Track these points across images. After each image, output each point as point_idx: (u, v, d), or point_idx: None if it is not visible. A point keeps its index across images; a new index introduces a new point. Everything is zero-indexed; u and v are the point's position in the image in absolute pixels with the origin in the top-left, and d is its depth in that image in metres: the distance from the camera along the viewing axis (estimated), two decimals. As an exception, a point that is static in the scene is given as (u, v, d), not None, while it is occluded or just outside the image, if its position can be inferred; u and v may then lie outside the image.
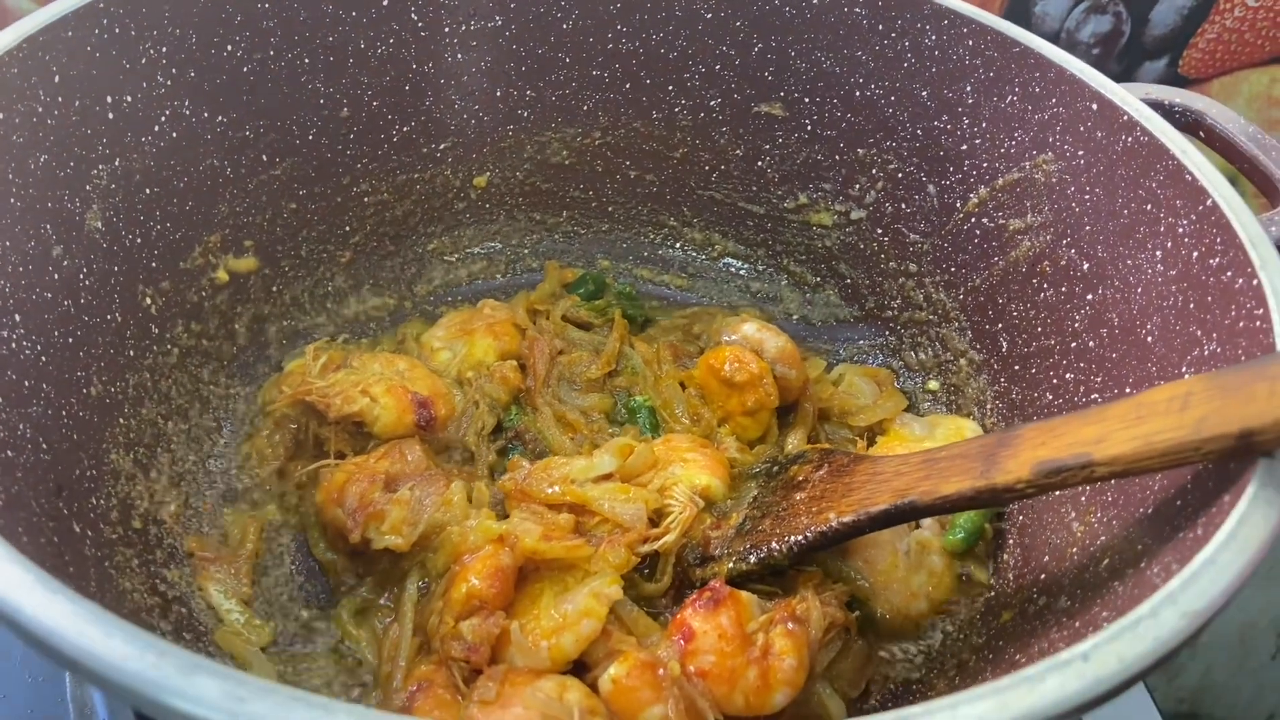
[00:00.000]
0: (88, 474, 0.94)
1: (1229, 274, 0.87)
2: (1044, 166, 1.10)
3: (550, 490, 1.02)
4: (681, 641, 0.88)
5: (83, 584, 0.81)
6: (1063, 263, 1.09)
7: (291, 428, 1.13)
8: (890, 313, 1.33)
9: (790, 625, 0.90)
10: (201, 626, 0.96)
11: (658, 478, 1.07)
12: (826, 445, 1.15)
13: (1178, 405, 0.75)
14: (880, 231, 1.31)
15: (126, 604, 0.89)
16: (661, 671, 0.86)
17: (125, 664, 0.49)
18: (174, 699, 0.49)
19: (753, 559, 0.99)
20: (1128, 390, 0.97)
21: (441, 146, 1.32)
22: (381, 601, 1.00)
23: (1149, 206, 0.99)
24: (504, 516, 1.02)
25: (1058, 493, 0.97)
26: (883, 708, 0.96)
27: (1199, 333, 0.89)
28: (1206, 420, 0.71)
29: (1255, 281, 0.83)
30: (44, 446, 0.87)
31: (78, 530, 0.87)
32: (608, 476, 1.06)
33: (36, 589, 0.52)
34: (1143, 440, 0.74)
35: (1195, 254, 0.92)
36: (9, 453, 0.80)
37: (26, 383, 0.87)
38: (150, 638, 0.50)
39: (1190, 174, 0.94)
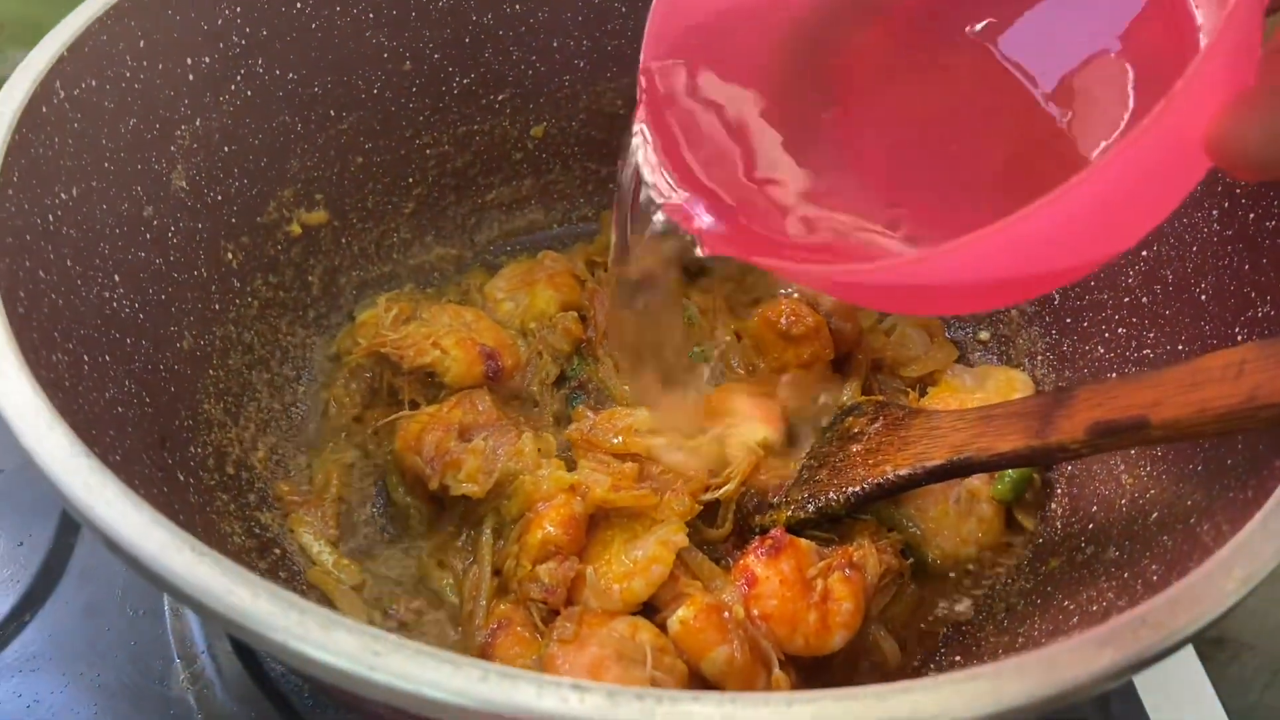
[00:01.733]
0: (185, 424, 1.00)
1: (1285, 237, 0.88)
2: (1102, 122, 1.11)
3: (615, 440, 1.08)
4: (745, 586, 0.93)
5: (193, 530, 0.87)
6: (1118, 218, 1.10)
7: (366, 376, 1.19)
8: (942, 263, 1.35)
9: (848, 571, 0.95)
10: (295, 566, 1.03)
11: (717, 427, 1.11)
12: (880, 398, 1.18)
13: (1233, 373, 0.77)
14: (934, 182, 1.32)
15: (228, 547, 0.95)
16: (726, 614, 0.91)
17: (271, 619, 0.55)
18: (316, 651, 0.54)
19: (811, 508, 1.03)
20: (1180, 348, 0.99)
21: (500, 97, 1.34)
22: (459, 544, 1.06)
23: (1208, 165, 1.00)
24: (571, 465, 1.08)
25: (1107, 449, 1.00)
26: (935, 650, 1.01)
27: (1253, 294, 0.91)
28: (1260, 389, 0.73)
29: (1312, 247, 0.85)
30: (148, 400, 0.92)
31: (181, 479, 0.93)
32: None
33: (185, 550, 0.58)
34: (1198, 406, 0.77)
35: (1252, 215, 0.94)
36: (120, 409, 0.86)
37: (129, 340, 0.93)
38: (292, 596, 0.55)
39: (1251, 134, 0.95)
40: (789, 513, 1.04)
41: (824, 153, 0.82)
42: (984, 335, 1.30)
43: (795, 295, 1.21)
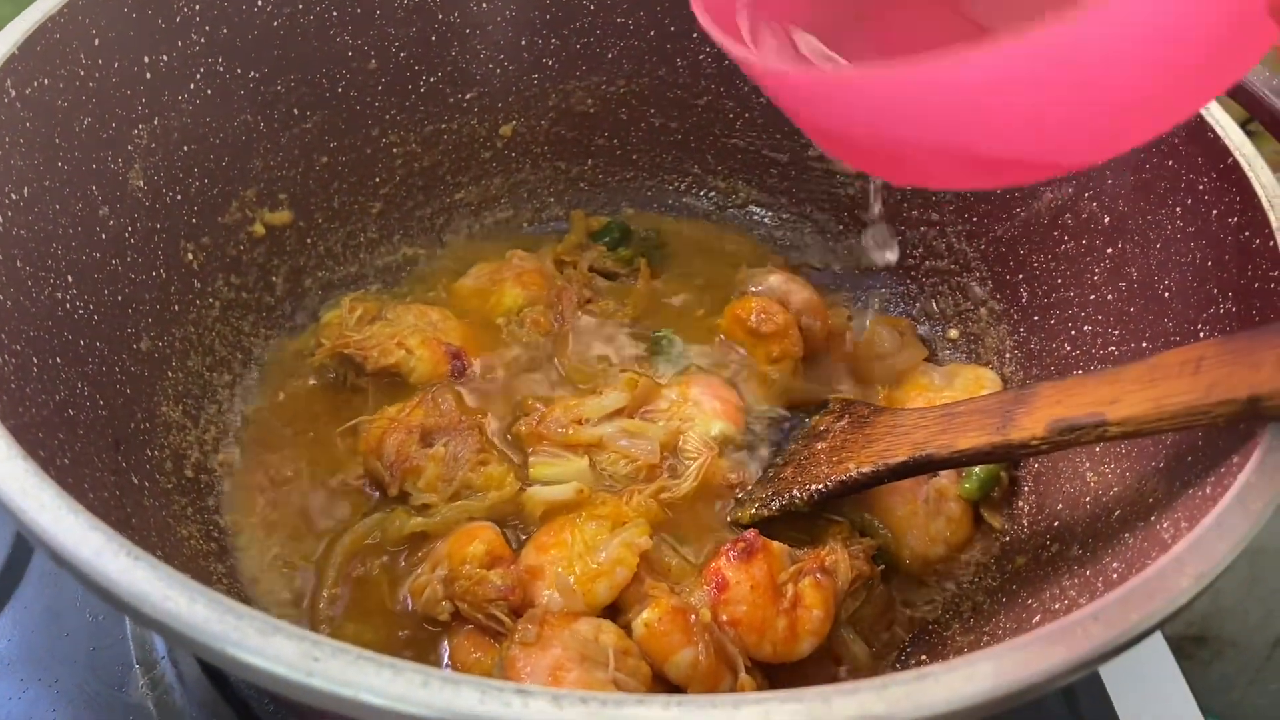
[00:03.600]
0: (142, 427, 0.98)
1: (1246, 233, 0.88)
2: (1068, 119, 1.11)
3: (564, 432, 1.07)
4: (715, 591, 0.93)
5: (145, 535, 0.86)
6: (1084, 215, 1.10)
7: (330, 377, 1.17)
8: (912, 261, 1.35)
9: (819, 576, 0.95)
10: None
11: (673, 416, 1.11)
12: (847, 396, 1.18)
13: (1190, 369, 0.77)
14: (903, 180, 1.32)
15: (185, 550, 0.94)
16: (693, 617, 0.91)
17: (208, 626, 0.54)
18: (254, 658, 0.53)
19: (775, 505, 1.03)
20: (1144, 344, 0.99)
21: (468, 96, 1.33)
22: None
23: (1170, 162, 0.99)
24: (523, 459, 1.08)
25: (1071, 447, 1.00)
26: (903, 650, 1.01)
27: (1215, 291, 0.91)
28: (1216, 385, 0.73)
29: (1272, 243, 0.84)
30: (101, 403, 0.91)
31: (136, 482, 0.92)
32: (619, 412, 1.11)
33: (120, 555, 0.57)
34: (1154, 402, 0.77)
35: (1215, 212, 0.93)
36: (70, 411, 0.84)
37: (82, 341, 0.91)
38: (230, 602, 0.54)
39: (1212, 131, 0.95)
40: (753, 510, 1.03)
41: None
42: (953, 333, 1.30)
43: (764, 291, 1.21)
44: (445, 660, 0.95)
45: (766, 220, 1.46)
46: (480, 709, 0.52)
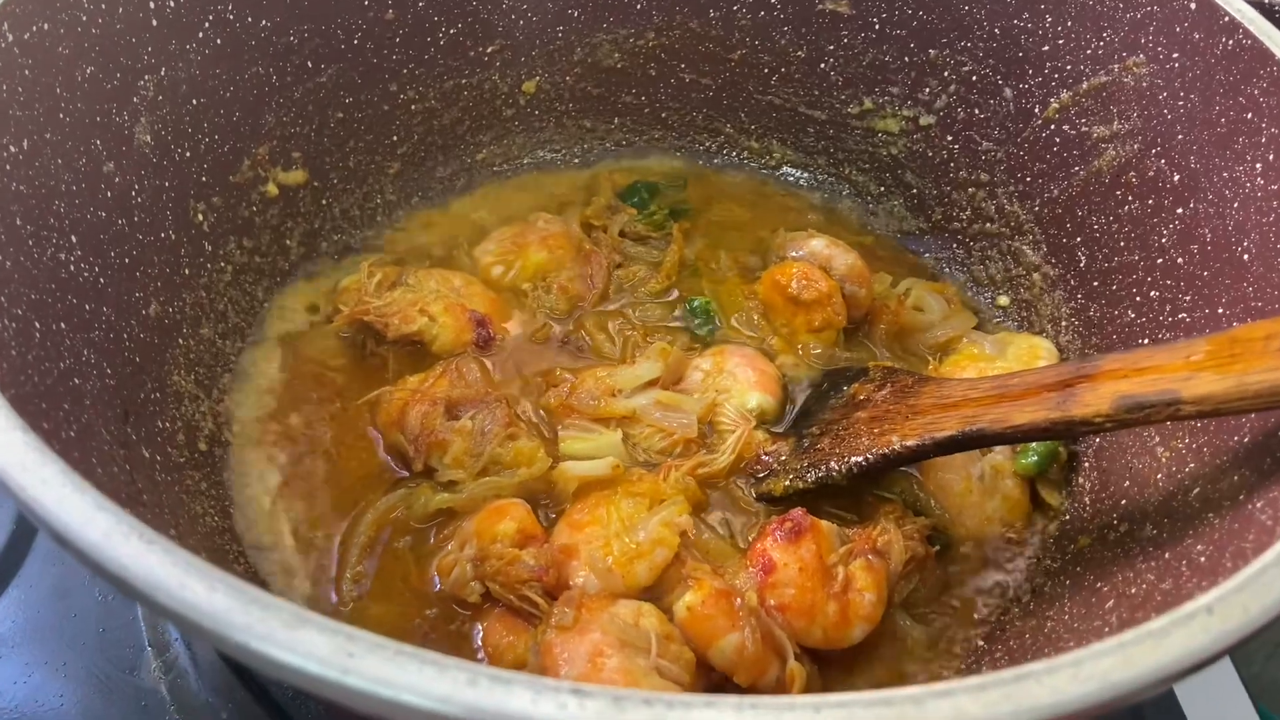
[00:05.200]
0: (152, 397, 0.93)
1: (1341, 191, 0.82)
2: (1134, 70, 1.04)
3: (594, 404, 1.02)
4: (761, 573, 0.87)
5: (158, 512, 0.81)
6: (1151, 174, 1.03)
7: (349, 344, 1.12)
8: (958, 224, 1.28)
9: (871, 558, 0.89)
10: (273, 549, 0.96)
11: (709, 387, 1.05)
12: (889, 363, 1.12)
13: (1276, 344, 0.71)
14: (950, 139, 1.25)
15: (199, 528, 0.89)
16: (738, 601, 0.85)
17: (230, 617, 0.48)
18: (282, 653, 0.48)
19: (811, 477, 0.97)
20: (1220, 311, 0.93)
21: (489, 50, 1.27)
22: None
23: (1249, 115, 0.93)
24: (552, 432, 1.02)
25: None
26: (959, 635, 0.95)
27: (1303, 253, 0.85)
28: (1305, 364, 0.68)
29: (1371, 200, 0.78)
30: (109, 372, 0.85)
31: (147, 456, 0.86)
32: (652, 383, 1.05)
33: (132, 538, 0.51)
34: (1235, 380, 0.71)
35: (1301, 168, 0.87)
36: (76, 380, 0.79)
37: (88, 306, 0.85)
38: (255, 590, 0.49)
39: (1298, 80, 0.89)
40: (787, 482, 0.98)
41: None
42: (1004, 300, 1.24)
43: (805, 256, 1.14)
44: (478, 643, 0.89)
45: (803, 182, 1.39)
46: (533, 711, 0.47)
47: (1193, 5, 0.98)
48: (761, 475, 1.01)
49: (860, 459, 0.95)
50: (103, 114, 0.91)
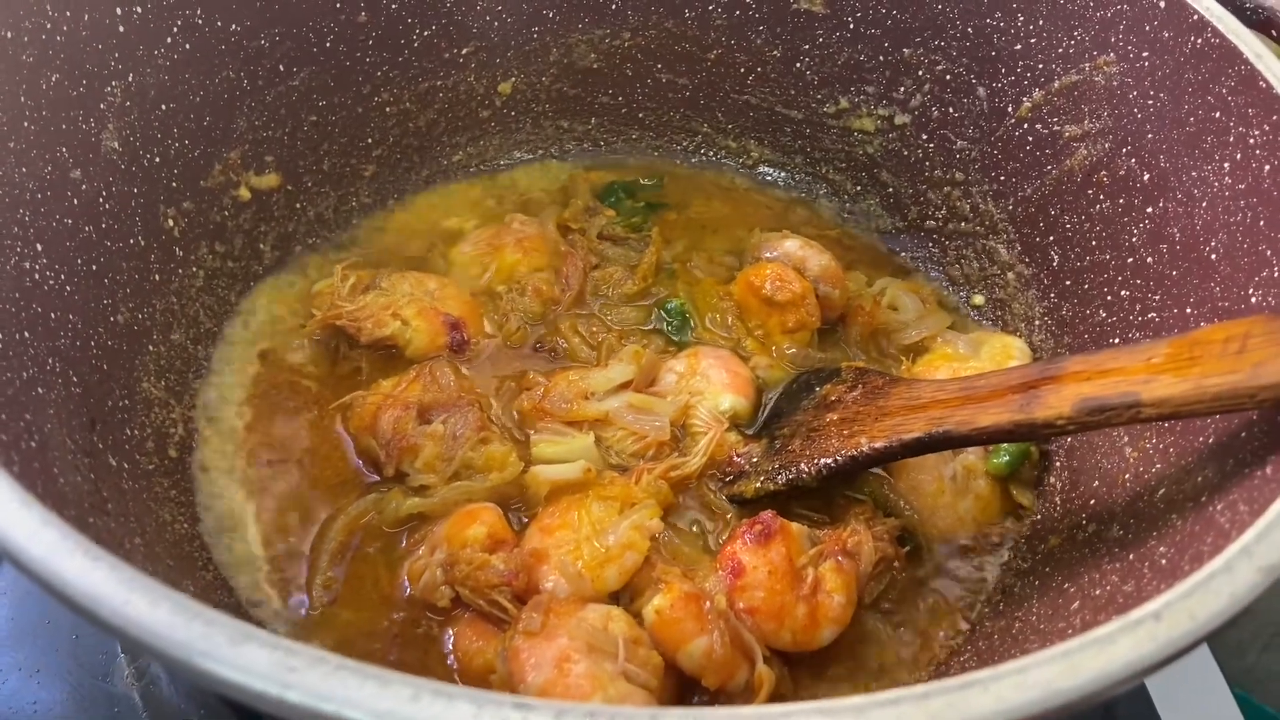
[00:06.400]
0: (120, 405, 0.93)
1: (1304, 191, 0.82)
2: (1104, 69, 1.04)
3: (567, 407, 1.02)
4: (730, 576, 0.87)
5: (125, 520, 0.81)
6: (1121, 173, 1.03)
7: (322, 349, 1.11)
8: (934, 223, 1.28)
9: (841, 559, 0.89)
10: (243, 556, 0.96)
11: (682, 390, 1.05)
12: (862, 364, 1.12)
13: (1234, 347, 0.71)
14: (925, 138, 1.25)
15: (167, 535, 0.89)
16: (707, 604, 0.85)
17: (172, 633, 0.48)
18: (223, 669, 0.48)
19: (781, 479, 0.97)
20: (1188, 310, 0.93)
21: (464, 51, 1.26)
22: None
23: (1218, 114, 0.93)
24: (524, 436, 1.02)
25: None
26: (929, 635, 0.95)
27: (1269, 253, 0.84)
28: (1263, 367, 0.68)
29: (1334, 200, 0.78)
30: (74, 380, 0.85)
31: (114, 464, 0.86)
32: (625, 385, 1.06)
33: (76, 554, 0.51)
34: (1194, 383, 0.72)
35: (1267, 168, 0.87)
36: (39, 389, 0.79)
37: (53, 314, 0.85)
38: (198, 606, 0.49)
39: (1265, 80, 0.88)
40: (758, 484, 0.98)
41: None
42: (978, 300, 1.24)
43: (779, 257, 1.14)
44: (448, 649, 0.90)
45: (779, 181, 1.39)
46: (476, 725, 0.47)
47: (1162, 4, 0.98)
48: (733, 477, 1.01)
49: (829, 460, 0.95)
50: (69, 121, 0.90)
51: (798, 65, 1.29)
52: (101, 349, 0.91)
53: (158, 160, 1.01)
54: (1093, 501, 0.93)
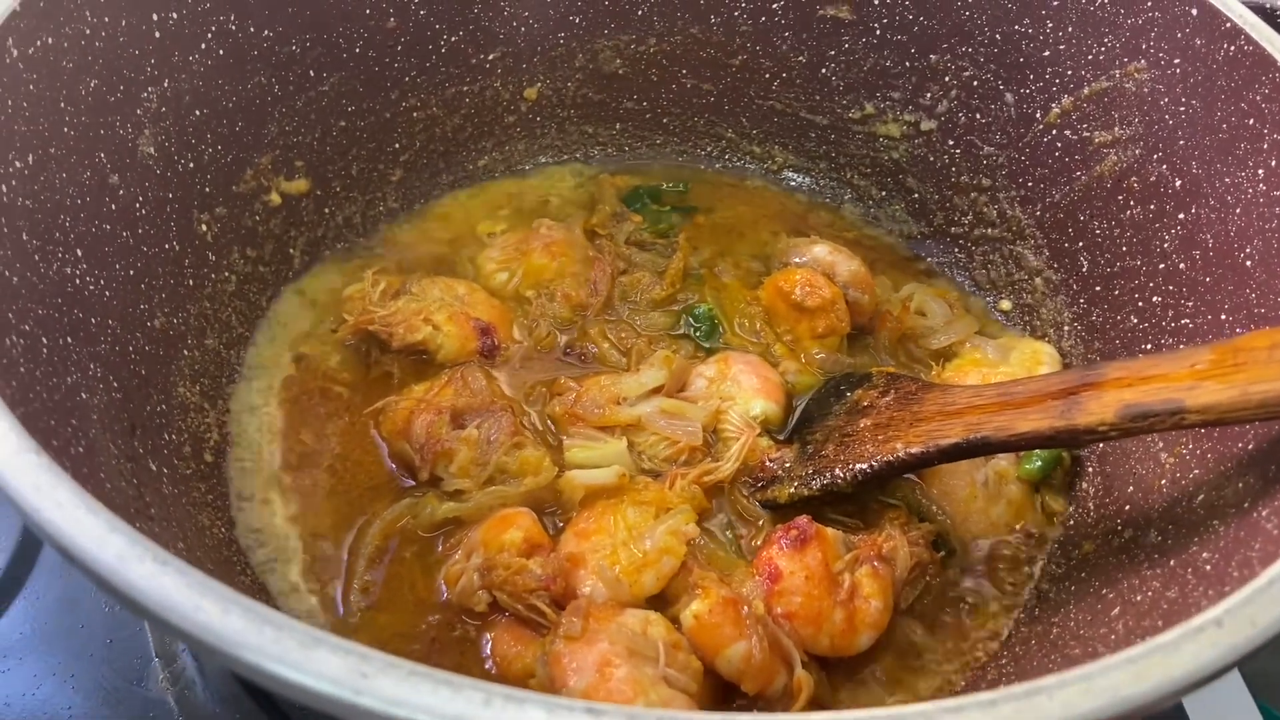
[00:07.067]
0: (158, 410, 0.93)
1: (1344, 197, 0.82)
2: (1135, 75, 1.04)
3: (599, 412, 1.02)
4: (768, 582, 0.87)
5: (167, 525, 0.81)
6: (1153, 179, 1.03)
7: (355, 354, 1.12)
8: (960, 229, 1.28)
9: (876, 565, 0.89)
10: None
11: (713, 395, 1.06)
12: (893, 369, 1.12)
13: (1280, 354, 0.71)
14: (952, 144, 1.25)
15: (207, 540, 0.89)
16: (745, 609, 0.85)
17: (244, 639, 0.48)
18: (294, 674, 0.48)
19: (816, 484, 0.97)
20: (1223, 317, 0.93)
21: (491, 57, 1.27)
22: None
23: (1251, 121, 0.93)
24: (557, 440, 1.03)
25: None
26: (964, 640, 0.96)
27: (1306, 259, 0.85)
28: (1310, 374, 0.68)
29: (1375, 207, 0.78)
30: (115, 385, 0.85)
31: (154, 469, 0.86)
32: (657, 390, 1.05)
33: (146, 560, 0.51)
34: (1239, 390, 0.72)
35: (1304, 174, 0.87)
36: (83, 395, 0.79)
37: (94, 319, 0.86)
38: (268, 611, 0.49)
39: (1301, 86, 0.89)
40: (792, 489, 0.98)
41: None
42: (1005, 305, 1.24)
43: (809, 262, 1.14)
44: (486, 653, 0.90)
45: (804, 187, 1.39)
46: (547, 730, 0.47)
47: (1194, 11, 0.98)
48: (766, 482, 1.02)
49: (865, 466, 0.95)
50: (107, 127, 0.91)
51: (823, 71, 1.29)
52: (139, 354, 0.92)
53: (192, 165, 1.02)
54: (1128, 507, 0.94)
